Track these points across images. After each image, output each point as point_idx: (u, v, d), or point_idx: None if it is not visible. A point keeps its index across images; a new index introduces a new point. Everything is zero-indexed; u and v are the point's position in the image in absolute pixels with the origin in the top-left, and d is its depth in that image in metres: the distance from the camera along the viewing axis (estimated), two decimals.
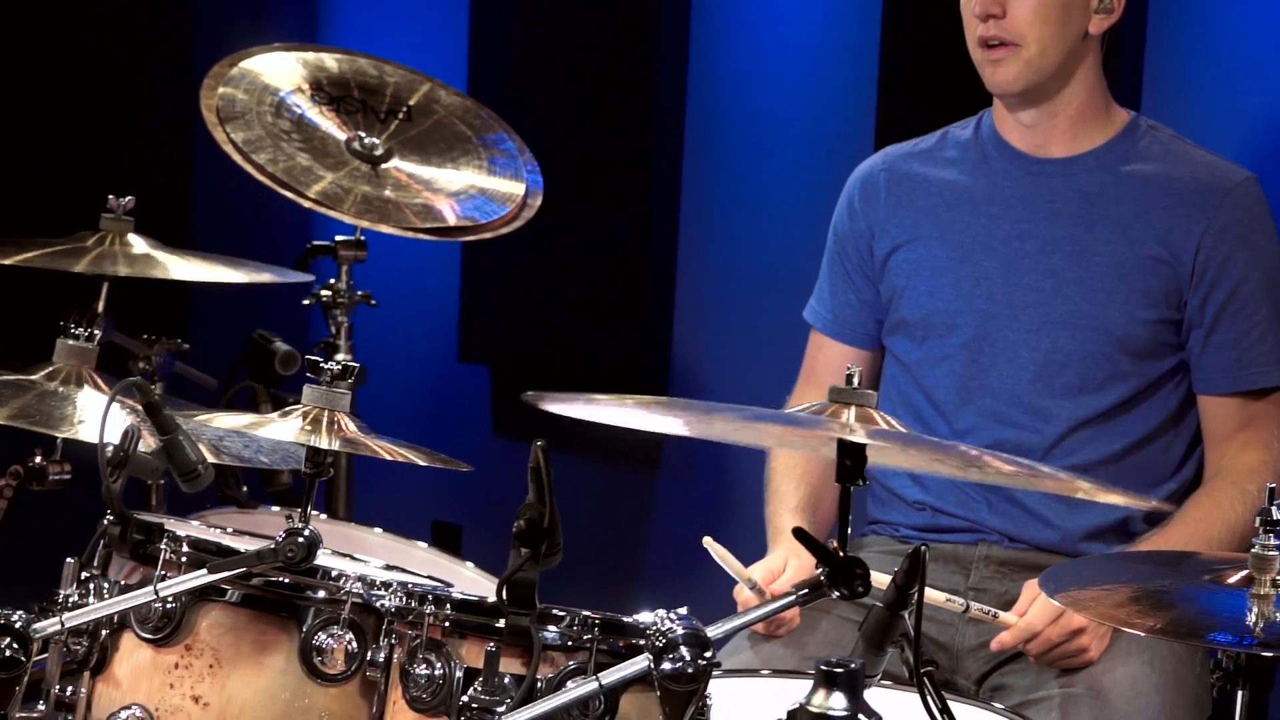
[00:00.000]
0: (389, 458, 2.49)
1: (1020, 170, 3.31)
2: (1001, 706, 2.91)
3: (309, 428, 2.46)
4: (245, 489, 3.54)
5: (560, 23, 5.00)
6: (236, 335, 3.90)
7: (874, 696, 2.43)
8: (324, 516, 3.50)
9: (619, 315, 4.95)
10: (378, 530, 3.45)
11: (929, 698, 2.32)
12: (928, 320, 3.34)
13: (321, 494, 4.00)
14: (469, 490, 5.08)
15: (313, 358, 2.50)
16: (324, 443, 2.44)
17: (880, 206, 3.40)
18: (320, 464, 2.47)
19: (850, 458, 2.25)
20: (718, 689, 2.65)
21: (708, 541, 2.95)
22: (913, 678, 2.32)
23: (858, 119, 4.49)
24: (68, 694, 2.59)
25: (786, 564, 3.16)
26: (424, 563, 3.30)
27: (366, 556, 2.94)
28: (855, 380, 2.27)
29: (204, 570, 2.44)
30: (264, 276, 3.42)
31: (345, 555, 2.87)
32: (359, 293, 3.94)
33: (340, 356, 3.91)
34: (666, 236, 4.92)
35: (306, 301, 3.85)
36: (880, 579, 2.31)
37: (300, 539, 2.42)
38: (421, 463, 2.51)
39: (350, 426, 2.48)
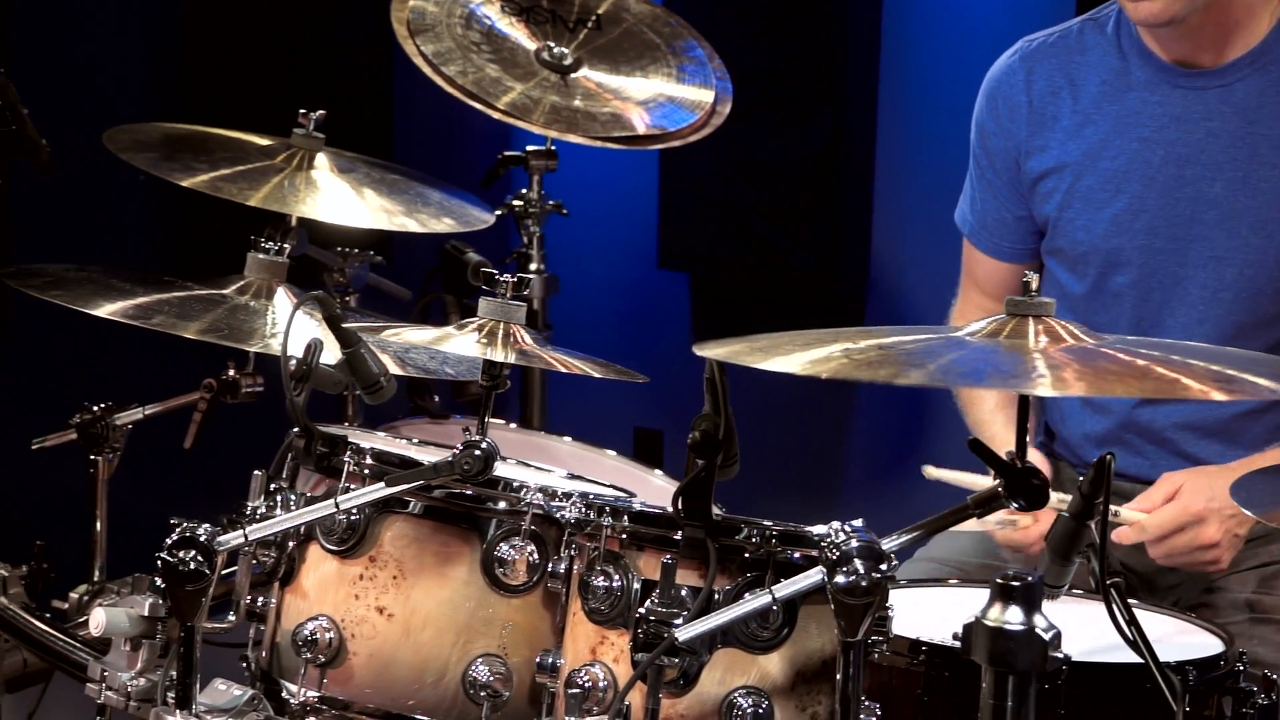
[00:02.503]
0: (563, 370, 2.49)
1: (1168, 84, 3.17)
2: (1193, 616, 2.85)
3: (484, 340, 2.46)
4: (437, 399, 3.56)
5: None
6: (435, 245, 3.91)
7: (1064, 607, 2.41)
8: (514, 426, 3.52)
9: (816, 221, 4.92)
10: (567, 439, 3.45)
11: (1115, 608, 2.28)
12: (1087, 256, 3.24)
13: (516, 404, 4.02)
14: (670, 397, 5.08)
15: (488, 270, 2.50)
16: (499, 355, 2.44)
17: (1023, 124, 3.28)
18: (496, 376, 2.48)
19: None
20: (903, 598, 2.66)
21: (928, 470, 2.90)
22: (1098, 588, 2.28)
23: (1059, 13, 4.40)
24: (258, 605, 2.64)
25: None
26: (612, 471, 3.30)
27: (552, 466, 2.95)
28: (1034, 286, 2.22)
29: (382, 483, 2.46)
30: (443, 224, 3.41)
31: (530, 465, 2.87)
32: (550, 203, 3.94)
33: (533, 266, 3.93)
34: (864, 140, 4.88)
35: (499, 212, 3.85)
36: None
37: (477, 451, 2.43)
38: (596, 374, 2.50)
39: (526, 339, 2.48)
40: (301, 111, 3.41)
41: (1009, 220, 3.35)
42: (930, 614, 2.72)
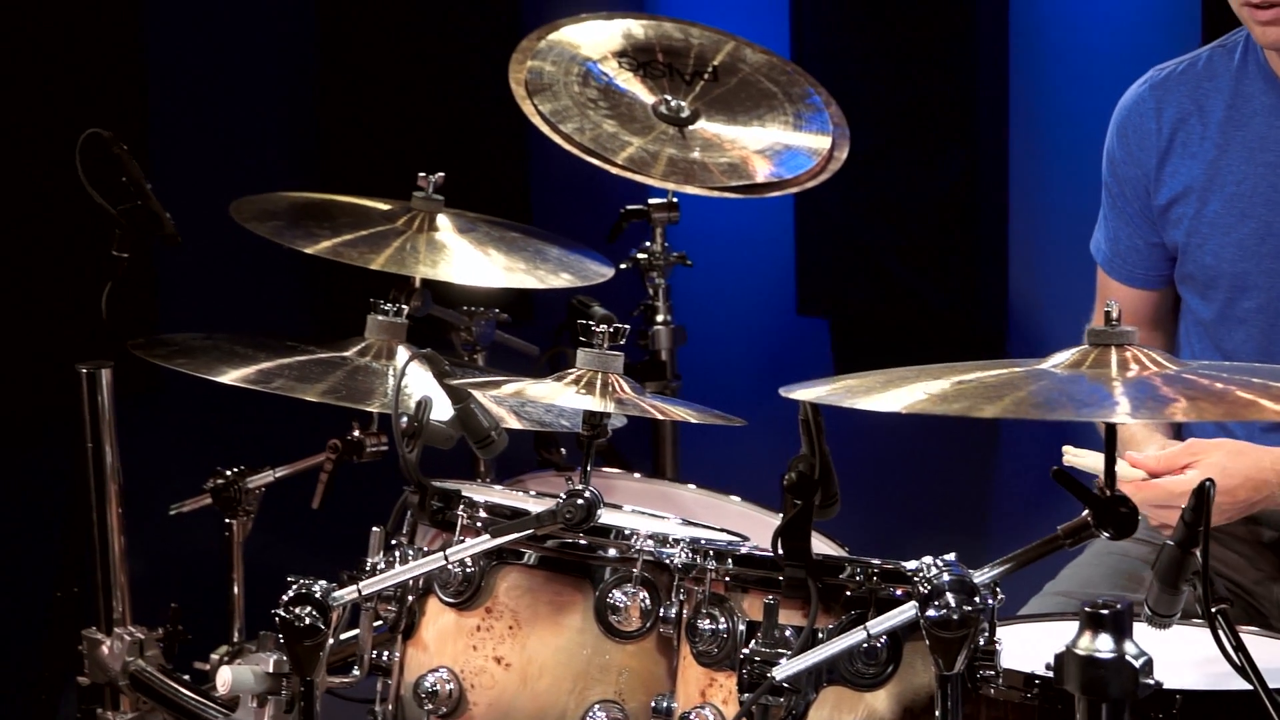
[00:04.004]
0: (661, 417, 2.52)
1: None
2: None
3: (583, 391, 2.50)
4: (564, 452, 3.61)
5: None
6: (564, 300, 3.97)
7: (1176, 635, 2.40)
8: (638, 476, 3.56)
9: (953, 260, 4.92)
10: (691, 486, 3.48)
11: (1222, 635, 2.28)
12: (1214, 280, 3.22)
13: (647, 454, 4.06)
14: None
15: (582, 320, 2.55)
16: (597, 405, 2.48)
17: (1152, 153, 3.29)
18: (597, 425, 2.52)
19: None
20: (1031, 633, 2.66)
21: (1068, 450, 2.89)
22: (1204, 615, 2.28)
23: (1185, 44, 4.38)
24: (383, 659, 2.69)
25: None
26: (737, 516, 3.33)
27: (669, 514, 2.98)
28: (1114, 315, 2.22)
29: (487, 535, 2.51)
30: (560, 279, 3.47)
31: (645, 513, 2.91)
32: (674, 254, 3.98)
33: (660, 318, 3.97)
34: (996, 179, 4.88)
35: (623, 266, 3.91)
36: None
37: (580, 500, 2.47)
38: (693, 420, 2.54)
39: (625, 388, 2.52)
40: (421, 175, 3.48)
41: (1141, 248, 3.35)
42: (1056, 648, 2.72)
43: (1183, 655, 2.53)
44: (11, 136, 4.09)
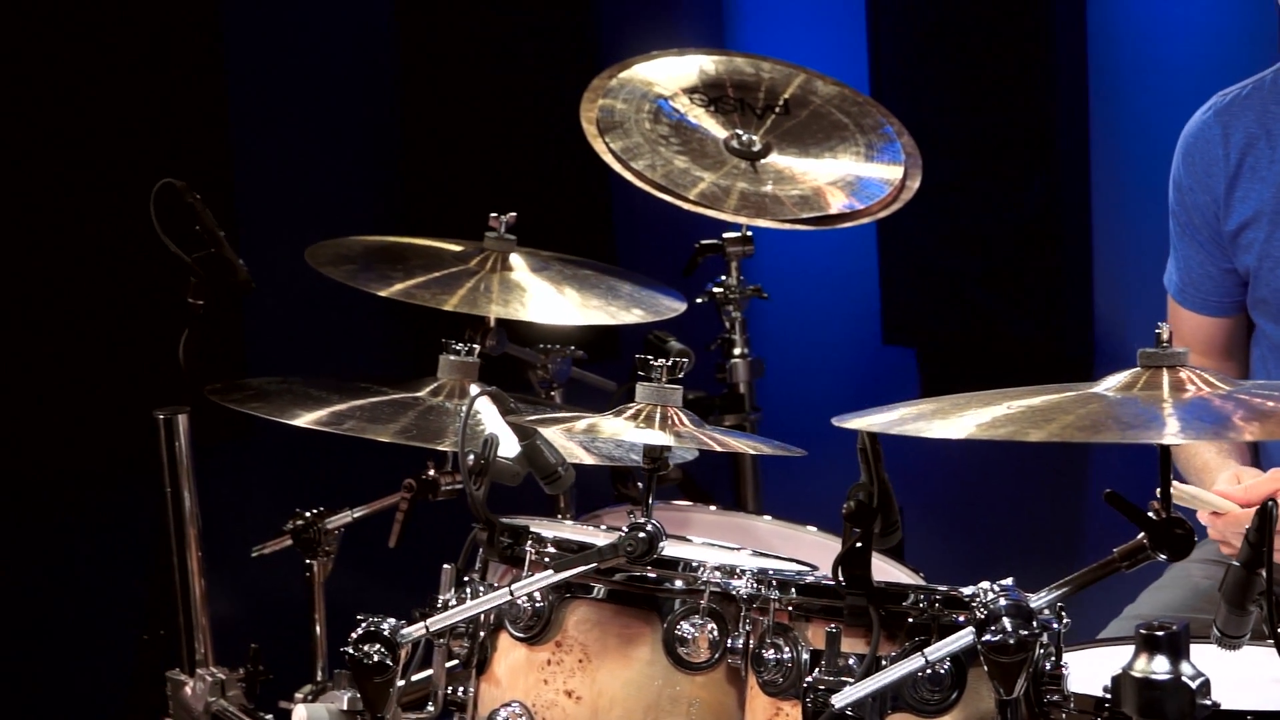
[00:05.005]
0: (719, 449, 2.54)
1: None
2: None
3: (642, 424, 2.53)
4: (640, 485, 3.63)
5: (957, 1, 4.98)
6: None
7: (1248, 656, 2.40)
8: (714, 509, 3.57)
9: (1037, 288, 4.91)
10: (767, 518, 3.49)
11: None
12: None
13: (729, 487, 4.08)
14: (911, 474, 5.09)
15: (641, 356, 2.57)
16: (656, 438, 2.50)
17: (1220, 178, 3.27)
18: (657, 459, 2.54)
19: None
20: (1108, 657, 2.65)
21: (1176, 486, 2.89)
22: (1271, 636, 2.27)
23: (1266, 67, 4.37)
24: (458, 694, 2.72)
25: (1239, 479, 3.07)
26: (813, 546, 3.33)
27: (744, 545, 3.00)
28: (1165, 336, 2.23)
29: (550, 570, 2.53)
30: (632, 315, 3.50)
31: (715, 545, 2.93)
32: (750, 287, 4.00)
33: (737, 351, 3.99)
34: (1079, 204, 4.86)
35: (700, 300, 3.93)
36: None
37: (641, 534, 2.50)
38: (752, 452, 2.56)
39: (684, 421, 2.54)
40: (493, 215, 3.52)
41: (1214, 274, 3.34)
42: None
43: (1253, 675, 2.53)
44: (97, 184, 4.16)
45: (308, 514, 3.31)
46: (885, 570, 3.27)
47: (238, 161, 4.43)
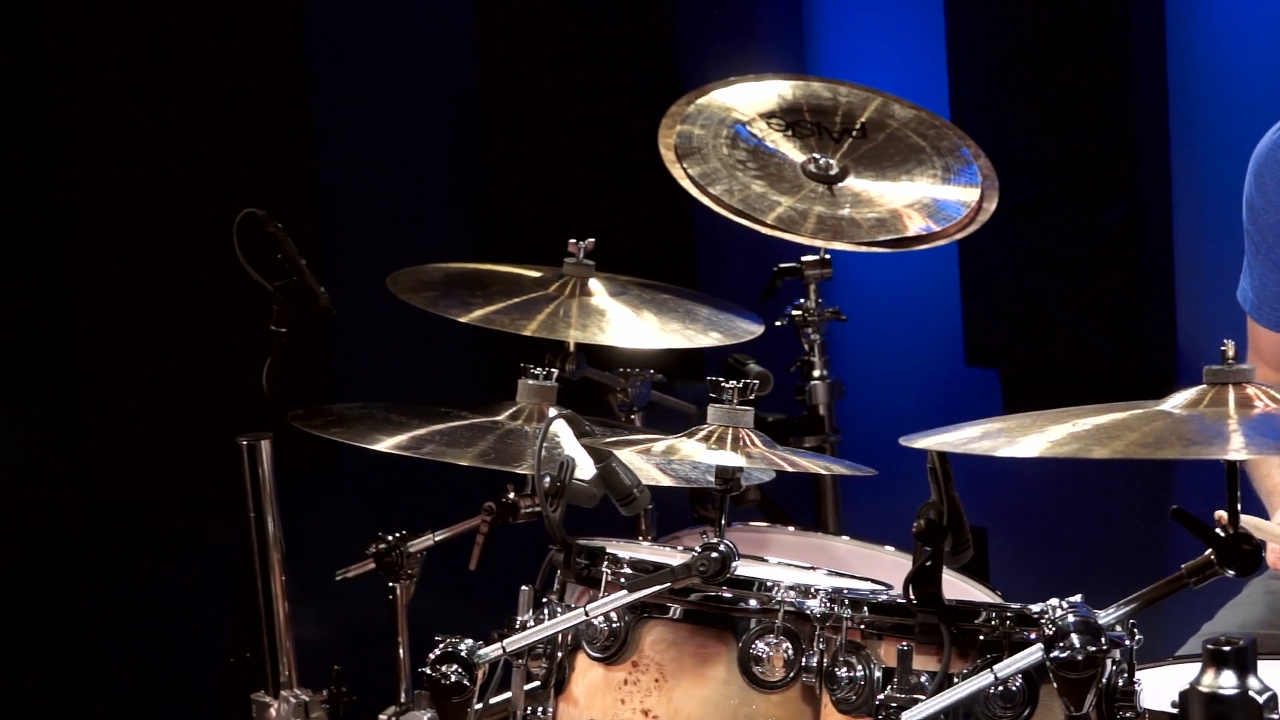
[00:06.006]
0: (790, 469, 2.57)
1: None
2: None
3: (714, 446, 2.55)
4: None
5: (1035, 23, 4.99)
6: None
7: None
8: (792, 530, 3.59)
9: (1119, 310, 4.91)
10: (845, 538, 3.52)
11: None
12: None
13: (810, 508, 4.10)
14: (994, 493, 5.10)
15: (715, 378, 2.59)
16: (728, 460, 2.53)
17: None
18: (730, 480, 2.57)
19: None
20: (1162, 675, 2.66)
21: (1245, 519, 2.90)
22: None
23: None
24: (537, 714, 2.75)
25: None
26: (890, 566, 3.35)
27: (821, 565, 3.02)
28: (1230, 355, 2.24)
29: (625, 590, 2.56)
30: (709, 338, 3.53)
31: (790, 565, 2.95)
32: (829, 310, 4.02)
33: (816, 373, 4.01)
34: (1160, 227, 4.86)
35: (779, 323, 3.95)
36: None
37: (714, 553, 2.52)
38: (823, 472, 2.58)
39: (756, 442, 2.56)
40: (571, 241, 3.55)
41: None
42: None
43: None
44: (183, 214, 4.22)
45: (390, 538, 3.34)
46: (964, 590, 3.29)
47: (322, 190, 4.48)
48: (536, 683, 2.77)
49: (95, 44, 4.09)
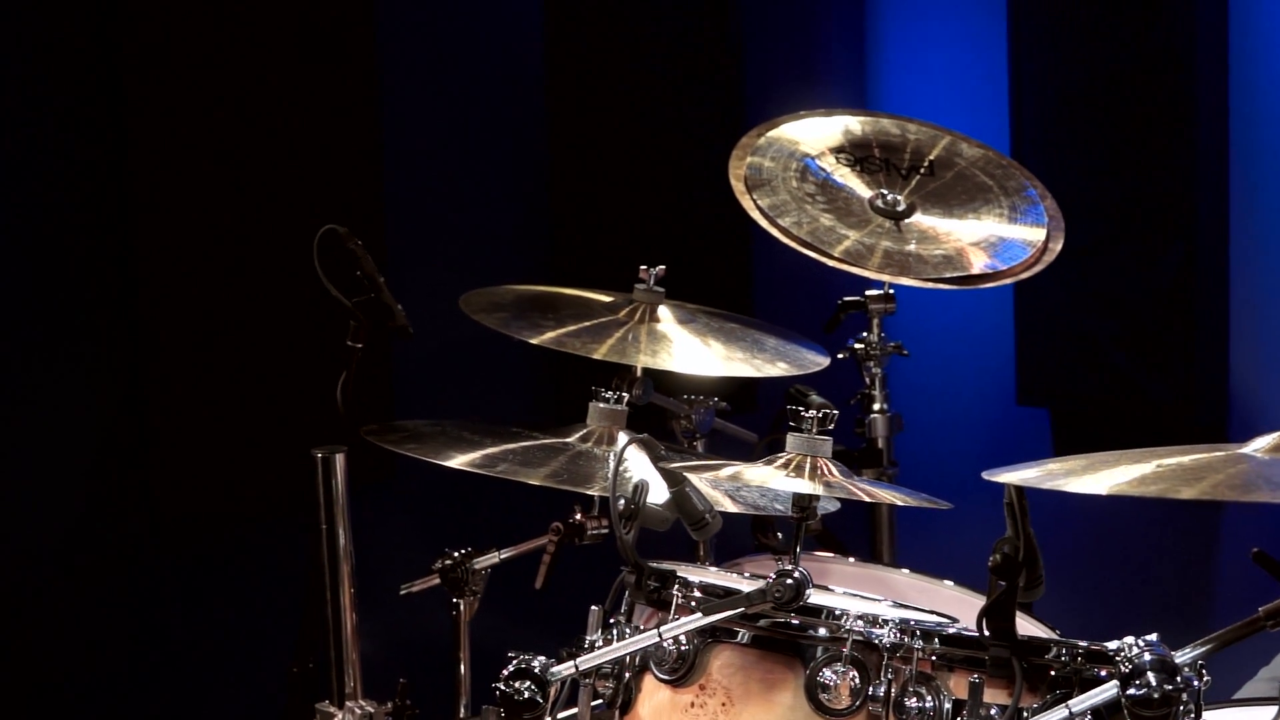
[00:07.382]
0: (867, 499, 2.60)
1: None
2: None
3: (792, 474, 2.58)
4: (779, 535, 3.69)
5: (1097, 64, 5.02)
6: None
7: None
8: (853, 560, 3.62)
9: (1173, 353, 4.93)
10: (905, 570, 3.54)
11: None
12: None
13: (865, 539, 4.12)
14: (1043, 532, 5.12)
15: (792, 407, 2.63)
16: (806, 488, 2.56)
17: None
18: (806, 508, 2.60)
19: None
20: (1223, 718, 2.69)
21: None
22: None
23: None
24: None
25: None
26: (950, 600, 3.37)
27: (882, 596, 3.05)
28: None
29: (699, 614, 2.59)
30: (776, 368, 3.56)
31: (856, 595, 2.98)
32: (891, 344, 4.05)
33: (876, 406, 4.04)
34: (1216, 272, 4.89)
35: (841, 356, 3.98)
36: None
37: (789, 580, 2.55)
38: (900, 503, 2.61)
39: (833, 471, 2.59)
40: (642, 267, 3.59)
41: None
42: None
43: None
44: (259, 231, 4.25)
45: (456, 554, 3.38)
46: (1021, 625, 3.31)
47: (389, 209, 4.52)
48: (600, 701, 2.79)
49: (175, 61, 4.13)
